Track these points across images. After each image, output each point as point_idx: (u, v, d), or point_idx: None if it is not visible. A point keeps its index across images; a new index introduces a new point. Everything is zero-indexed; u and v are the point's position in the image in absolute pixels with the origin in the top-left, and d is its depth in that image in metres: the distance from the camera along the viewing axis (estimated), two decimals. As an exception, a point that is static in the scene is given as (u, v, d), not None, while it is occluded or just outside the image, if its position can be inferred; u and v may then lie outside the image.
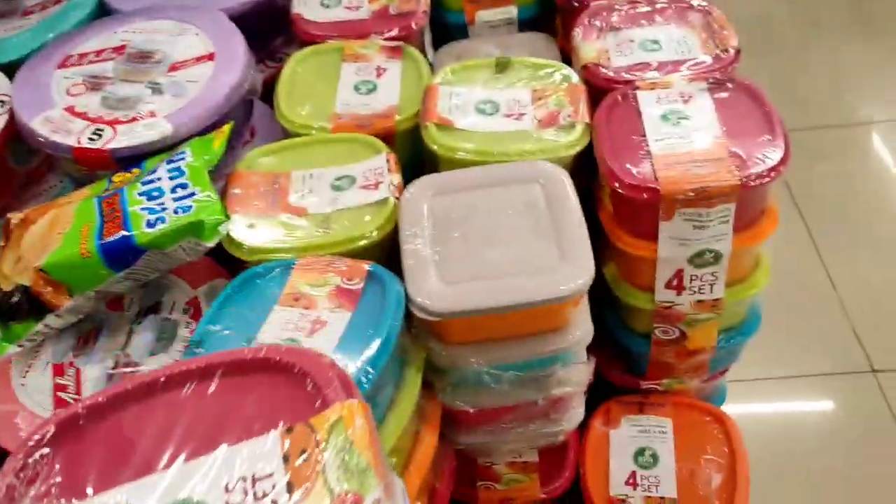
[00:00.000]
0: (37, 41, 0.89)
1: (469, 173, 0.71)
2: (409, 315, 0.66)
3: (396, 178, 0.73)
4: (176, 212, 0.69)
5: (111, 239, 0.68)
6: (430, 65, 0.98)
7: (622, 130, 0.74)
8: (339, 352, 0.60)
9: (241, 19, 0.94)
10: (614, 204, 0.73)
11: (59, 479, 0.34)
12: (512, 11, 1.02)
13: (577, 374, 0.70)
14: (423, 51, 0.98)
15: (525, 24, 1.04)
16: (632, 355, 0.86)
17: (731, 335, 0.82)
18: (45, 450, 0.35)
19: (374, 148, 0.77)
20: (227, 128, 0.77)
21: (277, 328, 0.63)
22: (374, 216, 0.70)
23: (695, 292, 0.75)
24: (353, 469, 0.33)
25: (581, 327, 0.68)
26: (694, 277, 0.73)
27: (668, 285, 0.74)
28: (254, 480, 0.33)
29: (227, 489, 0.33)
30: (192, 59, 0.84)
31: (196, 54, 0.84)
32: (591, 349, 0.90)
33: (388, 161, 0.75)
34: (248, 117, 0.87)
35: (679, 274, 0.73)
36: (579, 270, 0.63)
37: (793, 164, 0.68)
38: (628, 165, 0.70)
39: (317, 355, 0.39)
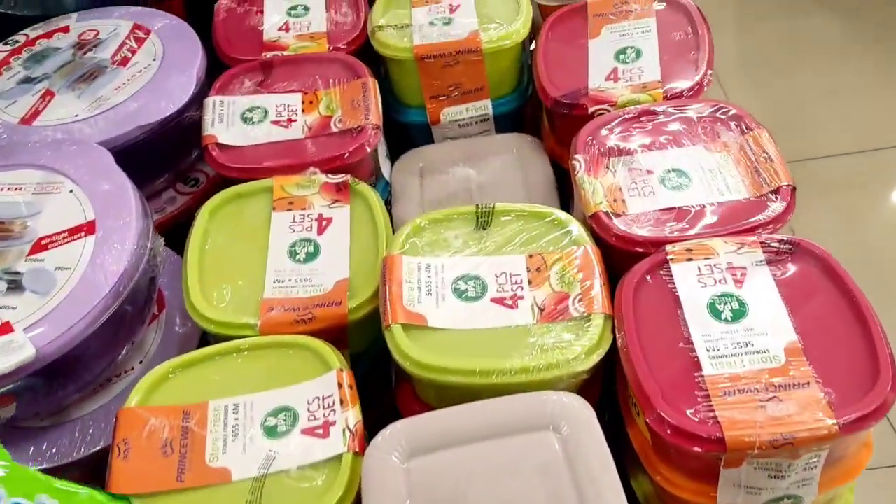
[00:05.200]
0: None
1: (454, 418, 0.50)
2: None
3: (353, 417, 0.53)
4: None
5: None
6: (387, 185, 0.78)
7: (656, 328, 0.54)
8: None
9: (137, 146, 0.73)
10: (654, 434, 0.54)
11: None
12: (486, 107, 0.82)
13: None
14: (374, 170, 0.77)
15: (502, 120, 0.84)
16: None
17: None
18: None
19: (322, 359, 0.56)
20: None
21: None
22: (323, 489, 0.50)
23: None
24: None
25: None
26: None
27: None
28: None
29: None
30: (64, 233, 0.62)
31: (70, 224, 0.62)
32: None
33: (340, 385, 0.54)
34: (149, 302, 0.65)
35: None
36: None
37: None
38: (675, 398, 0.50)
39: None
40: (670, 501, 0.59)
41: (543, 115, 0.82)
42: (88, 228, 0.61)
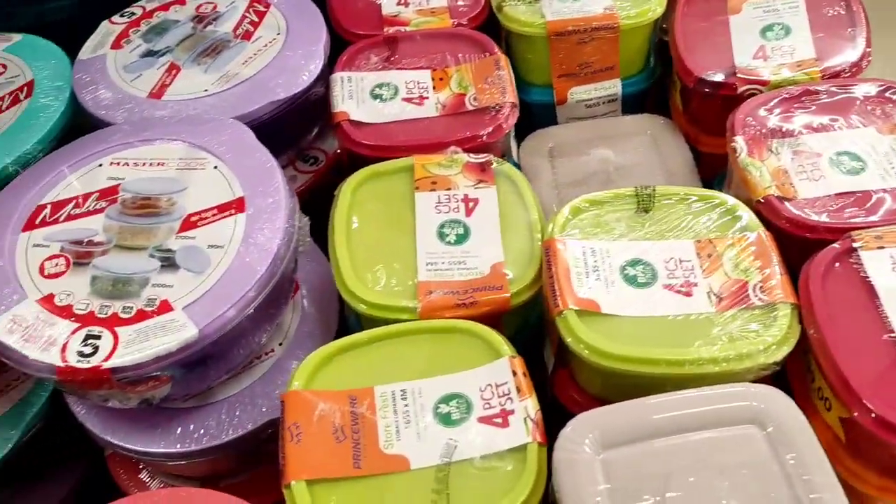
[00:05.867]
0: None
1: (649, 409, 0.48)
2: None
3: (532, 406, 0.50)
4: None
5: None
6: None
7: (852, 319, 0.51)
8: None
9: (265, 122, 0.71)
10: (852, 430, 0.52)
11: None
12: (616, 86, 0.79)
13: None
14: (505, 150, 0.75)
15: (628, 101, 0.81)
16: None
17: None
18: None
19: (490, 346, 0.54)
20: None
21: None
22: (512, 479, 0.48)
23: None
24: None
25: None
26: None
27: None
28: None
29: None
30: (213, 210, 0.60)
31: (218, 201, 0.61)
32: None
33: (514, 372, 0.52)
34: (292, 282, 0.64)
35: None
36: None
37: None
38: (886, 394, 0.47)
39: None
40: (850, 495, 0.56)
41: (675, 94, 0.79)
42: (238, 206, 0.60)
